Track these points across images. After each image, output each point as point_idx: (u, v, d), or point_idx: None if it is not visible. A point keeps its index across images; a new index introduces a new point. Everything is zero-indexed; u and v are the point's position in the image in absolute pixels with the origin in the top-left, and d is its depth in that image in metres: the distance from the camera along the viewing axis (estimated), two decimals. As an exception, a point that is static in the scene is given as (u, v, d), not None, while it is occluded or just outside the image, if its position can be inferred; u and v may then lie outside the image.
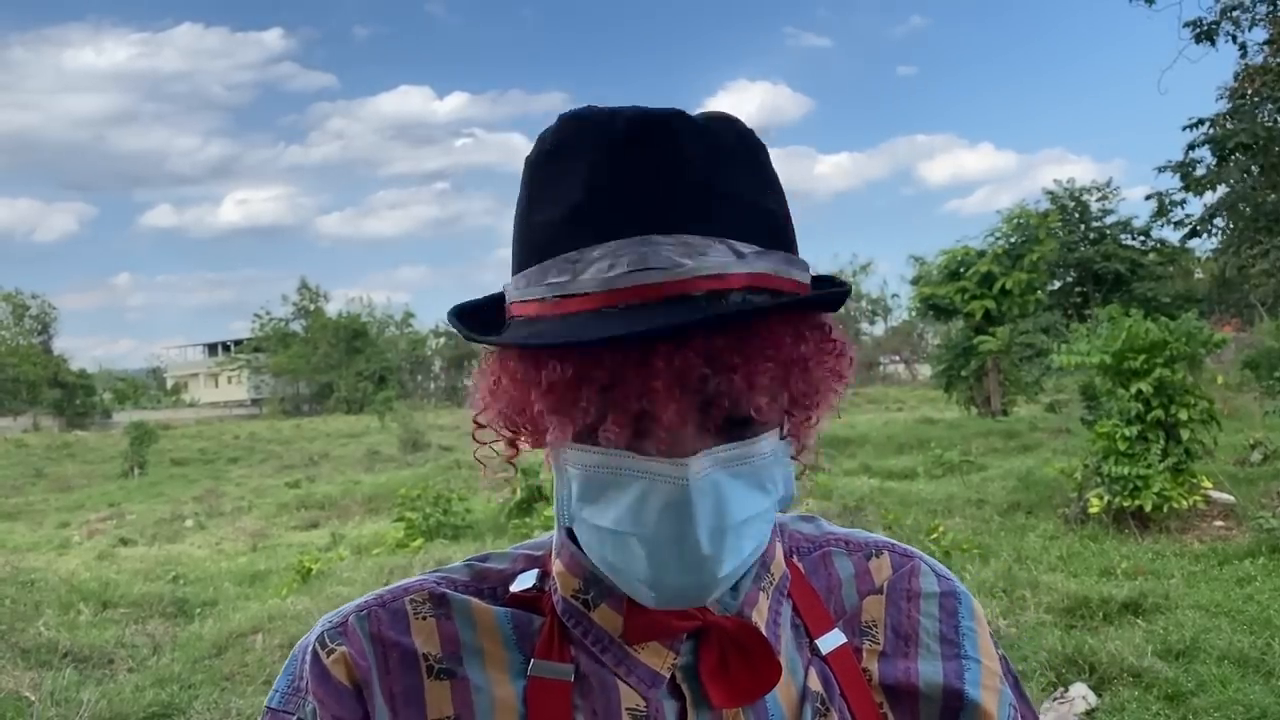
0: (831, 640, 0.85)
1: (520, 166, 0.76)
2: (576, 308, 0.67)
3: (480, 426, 0.80)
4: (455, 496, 12.11)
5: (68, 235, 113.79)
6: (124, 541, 13.49)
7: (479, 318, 0.77)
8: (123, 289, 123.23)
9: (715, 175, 0.70)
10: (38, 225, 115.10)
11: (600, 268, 0.67)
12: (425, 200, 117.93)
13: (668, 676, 0.78)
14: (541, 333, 0.68)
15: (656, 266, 0.66)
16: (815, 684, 0.82)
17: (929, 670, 0.86)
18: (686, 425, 0.68)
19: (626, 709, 0.77)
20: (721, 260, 0.67)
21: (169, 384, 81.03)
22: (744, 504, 0.71)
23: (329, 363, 57.55)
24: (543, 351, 0.70)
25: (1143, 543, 8.13)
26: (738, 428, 0.71)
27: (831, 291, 0.73)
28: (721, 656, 0.77)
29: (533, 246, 0.73)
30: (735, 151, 0.73)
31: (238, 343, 69.70)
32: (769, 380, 0.70)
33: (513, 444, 0.80)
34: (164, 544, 13.18)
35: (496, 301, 0.78)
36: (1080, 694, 5.08)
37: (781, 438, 0.75)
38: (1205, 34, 13.45)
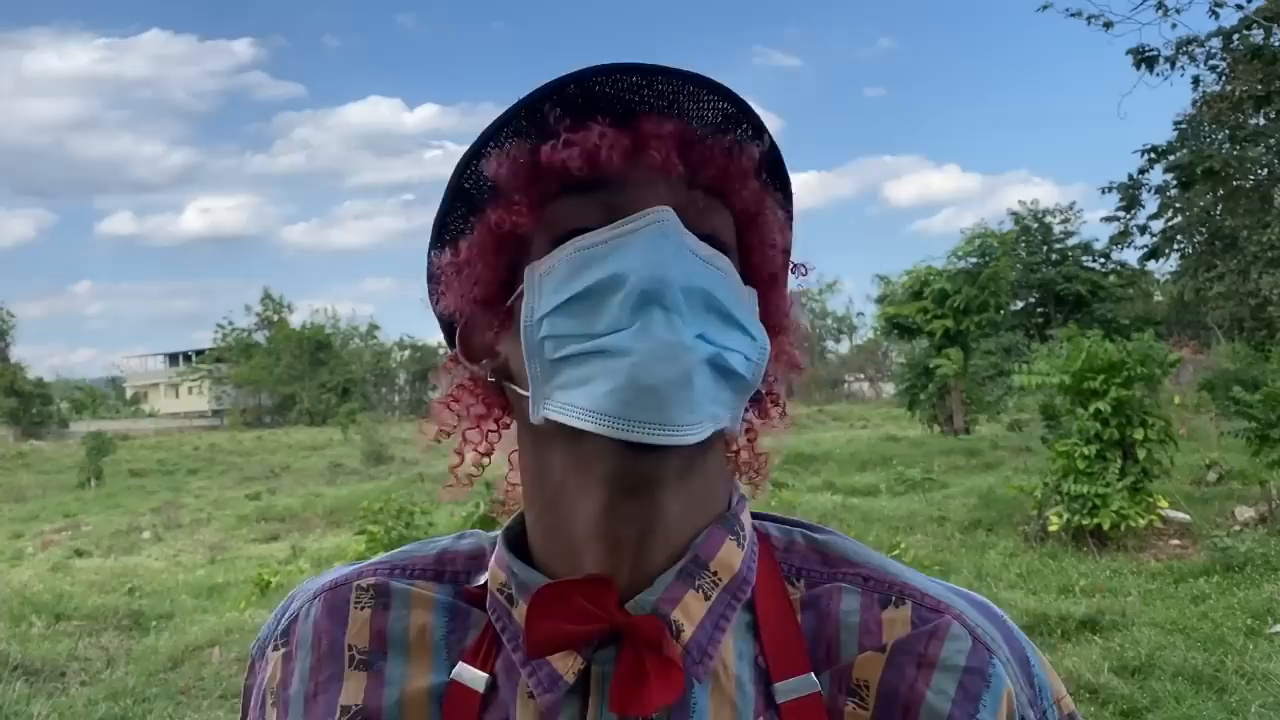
0: (796, 687, 0.71)
1: None
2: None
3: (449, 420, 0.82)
4: (418, 510, 12.01)
5: (25, 242, 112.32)
6: (79, 553, 13.27)
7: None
8: (82, 297, 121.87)
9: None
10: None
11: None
12: (392, 211, 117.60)
13: (571, 681, 0.71)
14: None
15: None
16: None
17: None
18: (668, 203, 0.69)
19: None
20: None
21: (128, 394, 79.98)
22: (724, 295, 0.69)
23: (292, 374, 57.02)
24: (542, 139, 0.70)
25: (1100, 560, 8.23)
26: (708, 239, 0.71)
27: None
28: (637, 660, 0.69)
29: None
30: None
31: (199, 353, 68.87)
32: (741, 198, 0.74)
33: (486, 408, 0.81)
34: (120, 556, 12.97)
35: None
36: (1038, 710, 5.12)
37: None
38: (1146, 61, 13.72)
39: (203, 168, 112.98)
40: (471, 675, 0.75)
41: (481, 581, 0.79)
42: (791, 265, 0.81)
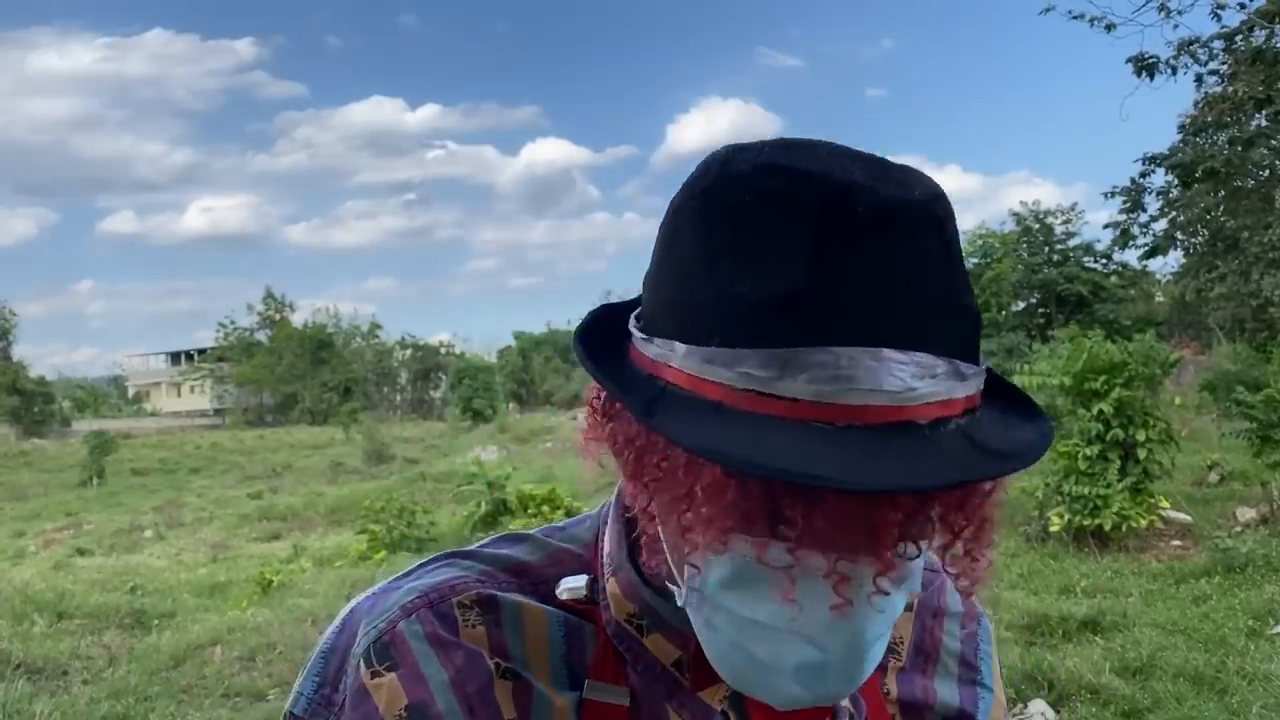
0: None
1: (493, 179, 0.67)
2: (783, 413, 0.57)
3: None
4: (419, 509, 12.05)
5: (27, 240, 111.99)
6: (81, 552, 13.30)
7: (600, 352, 0.67)
8: (84, 296, 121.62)
9: (950, 281, 0.61)
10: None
11: (818, 375, 0.57)
12: (393, 211, 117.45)
13: (719, 710, 0.75)
14: (754, 442, 0.56)
15: (888, 389, 0.57)
16: (845, 700, 0.77)
17: (945, 691, 0.85)
18: (894, 563, 0.62)
19: None
20: (949, 384, 0.59)
21: (130, 393, 79.96)
22: (897, 607, 0.66)
23: (294, 373, 57.02)
24: (771, 488, 0.59)
25: (1102, 561, 8.23)
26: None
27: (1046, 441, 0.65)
28: None
29: (723, 321, 0.60)
30: (959, 251, 0.63)
31: (201, 352, 68.86)
32: (960, 527, 0.64)
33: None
34: (122, 554, 13.01)
35: (606, 321, 0.70)
36: (1039, 711, 5.13)
37: None
38: (1147, 68, 13.71)
39: (204, 167, 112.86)
40: (609, 691, 0.74)
41: (576, 593, 0.76)
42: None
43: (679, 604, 0.68)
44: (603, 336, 0.69)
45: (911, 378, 0.57)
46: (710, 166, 0.64)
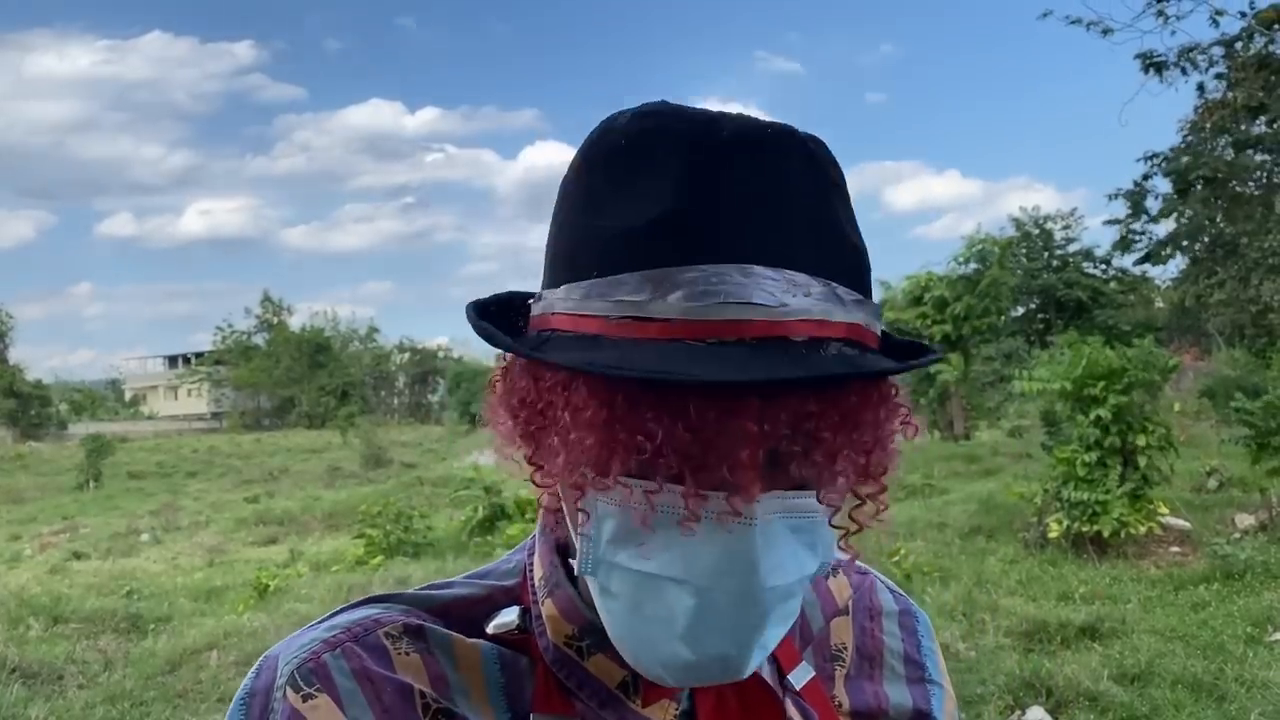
0: (802, 674, 0.79)
1: (492, 183, 0.69)
2: (656, 334, 0.58)
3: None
4: (416, 514, 12.03)
5: (25, 243, 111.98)
6: (77, 555, 13.28)
7: (499, 321, 0.67)
8: (81, 298, 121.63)
9: (824, 208, 0.63)
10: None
11: (690, 293, 0.58)
12: (392, 215, 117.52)
13: None
14: (622, 360, 0.58)
15: (759, 303, 0.58)
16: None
17: (896, 694, 0.84)
18: (756, 480, 0.60)
19: None
20: (825, 306, 0.60)
21: (127, 396, 79.92)
22: (799, 563, 0.63)
23: (291, 377, 57.02)
24: (616, 382, 0.59)
25: (1100, 567, 8.22)
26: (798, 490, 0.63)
27: (936, 359, 0.67)
28: (719, 701, 0.72)
29: (599, 253, 0.62)
30: (837, 182, 0.65)
31: (199, 355, 68.85)
32: (851, 457, 0.63)
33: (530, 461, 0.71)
34: (118, 558, 12.98)
35: (509, 303, 0.70)
36: (1037, 717, 5.12)
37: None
38: (1155, 66, 13.72)
39: (203, 170, 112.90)
40: None
41: (506, 625, 0.74)
42: (903, 419, 0.69)
43: (577, 571, 0.66)
44: (506, 310, 0.70)
45: (782, 293, 0.58)
46: (595, 129, 0.67)
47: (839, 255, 0.63)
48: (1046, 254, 39.85)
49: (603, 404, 0.59)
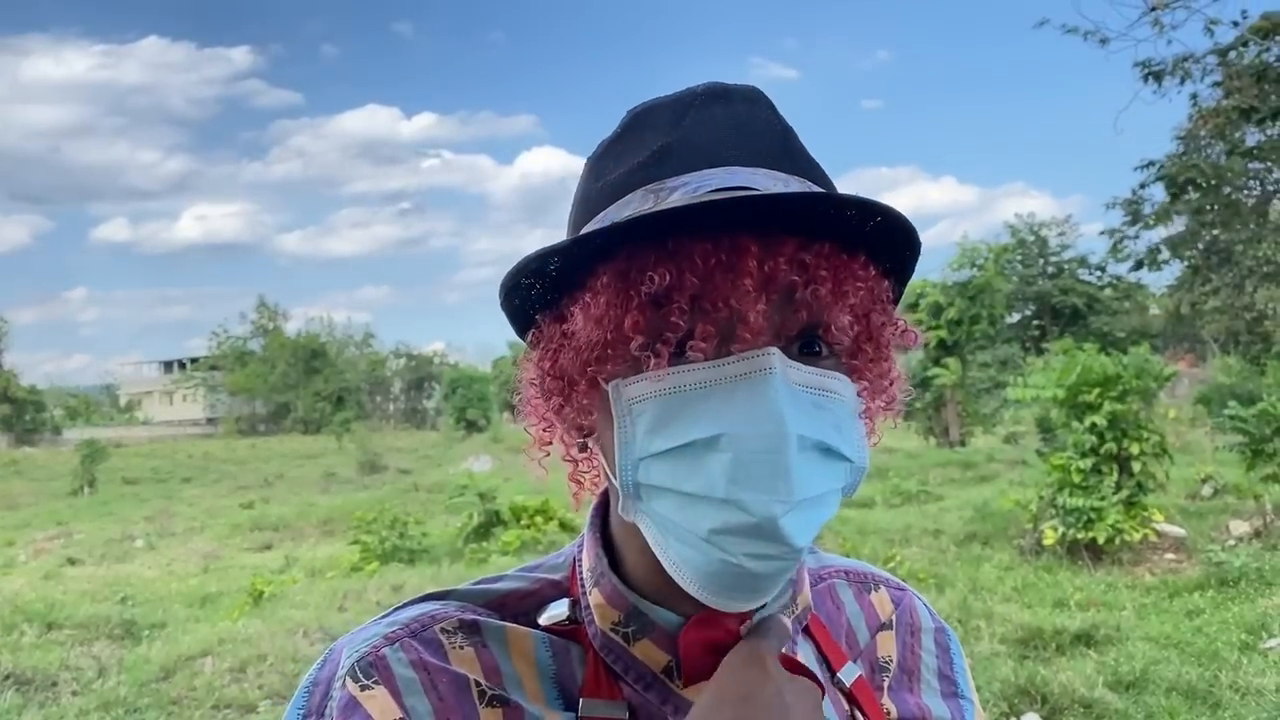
0: (849, 673, 0.83)
1: (488, 188, 0.74)
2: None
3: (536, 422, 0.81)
4: (412, 520, 12.00)
5: (20, 247, 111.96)
6: (71, 561, 13.24)
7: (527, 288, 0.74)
8: (76, 303, 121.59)
9: (788, 136, 0.75)
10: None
11: (685, 193, 0.67)
12: (388, 220, 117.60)
13: None
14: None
15: (745, 187, 0.67)
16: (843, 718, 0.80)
17: (936, 706, 0.88)
18: (768, 330, 0.66)
19: None
20: (804, 188, 0.70)
21: (122, 401, 79.78)
22: (824, 431, 0.67)
23: (286, 382, 56.95)
24: (642, 260, 0.66)
25: (1095, 574, 8.23)
26: (814, 358, 0.69)
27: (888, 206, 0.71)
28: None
29: (608, 195, 0.73)
30: (793, 128, 0.77)
31: (194, 360, 68.82)
32: (853, 300, 0.70)
33: (549, 429, 0.80)
34: (113, 564, 12.94)
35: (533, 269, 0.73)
36: (1032, 724, 5.12)
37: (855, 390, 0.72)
38: (1154, 74, 13.78)
39: (199, 175, 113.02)
40: (606, 707, 0.74)
41: (558, 617, 0.78)
42: (901, 330, 0.77)
43: (620, 511, 0.71)
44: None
45: (765, 181, 0.69)
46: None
47: (809, 165, 0.75)
48: (1042, 260, 39.96)
49: (618, 274, 0.68)
